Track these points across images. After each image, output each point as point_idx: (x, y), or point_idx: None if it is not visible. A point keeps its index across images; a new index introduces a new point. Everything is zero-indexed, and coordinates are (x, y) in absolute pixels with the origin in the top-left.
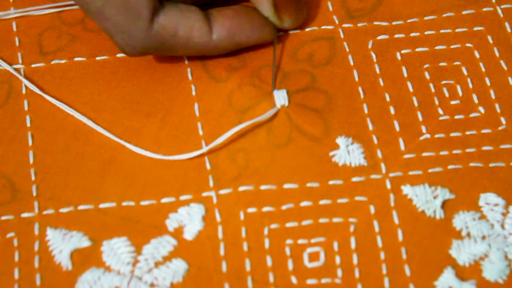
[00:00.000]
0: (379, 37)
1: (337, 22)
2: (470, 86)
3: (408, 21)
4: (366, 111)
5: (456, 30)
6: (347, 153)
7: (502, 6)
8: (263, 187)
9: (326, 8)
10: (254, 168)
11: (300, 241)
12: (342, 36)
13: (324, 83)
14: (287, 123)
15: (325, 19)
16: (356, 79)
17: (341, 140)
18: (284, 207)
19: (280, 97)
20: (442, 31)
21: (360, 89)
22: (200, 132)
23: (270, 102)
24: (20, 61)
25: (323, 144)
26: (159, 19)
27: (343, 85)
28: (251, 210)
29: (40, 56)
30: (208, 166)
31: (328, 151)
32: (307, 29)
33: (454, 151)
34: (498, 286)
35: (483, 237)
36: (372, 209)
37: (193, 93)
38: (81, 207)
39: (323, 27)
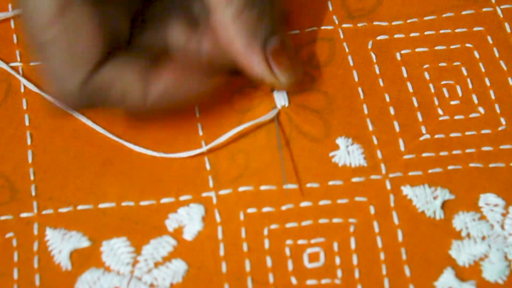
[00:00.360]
0: (378, 37)
1: (336, 22)
2: (470, 86)
3: (408, 21)
4: (366, 111)
5: (456, 30)
6: (347, 153)
7: (501, 7)
8: (263, 188)
9: (326, 8)
10: (254, 168)
11: (300, 242)
12: (341, 36)
13: (324, 84)
14: (287, 124)
15: (325, 19)
16: (356, 79)
17: (341, 141)
18: (284, 208)
19: (281, 98)
20: (442, 31)
21: (360, 89)
22: (200, 133)
23: (270, 103)
24: (19, 59)
25: (323, 145)
26: (97, 75)
27: (343, 86)
28: (251, 210)
29: None
30: (208, 167)
31: (328, 152)
32: (307, 30)
33: (454, 152)
34: (498, 286)
35: (483, 238)
36: (372, 209)
37: None
38: (80, 207)
39: (323, 27)
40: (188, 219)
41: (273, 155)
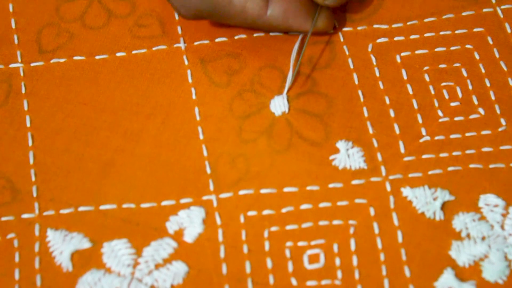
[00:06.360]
0: (378, 40)
1: (336, 25)
2: (470, 87)
3: (408, 23)
4: (366, 114)
5: (456, 32)
6: (347, 156)
7: (502, 7)
8: (263, 191)
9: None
10: (254, 172)
11: (300, 243)
12: (342, 39)
13: (324, 86)
14: (288, 129)
15: None
16: (356, 82)
17: (341, 144)
18: (284, 210)
19: (281, 104)
20: (442, 32)
21: (360, 92)
22: (201, 136)
23: (270, 109)
24: (20, 60)
25: (323, 149)
26: None
27: (343, 89)
28: (251, 213)
29: (39, 55)
30: (208, 170)
31: (328, 155)
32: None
33: (454, 153)
34: (498, 286)
35: (483, 238)
36: (372, 211)
37: (193, 97)
38: (81, 209)
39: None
40: (189, 222)
41: (273, 159)
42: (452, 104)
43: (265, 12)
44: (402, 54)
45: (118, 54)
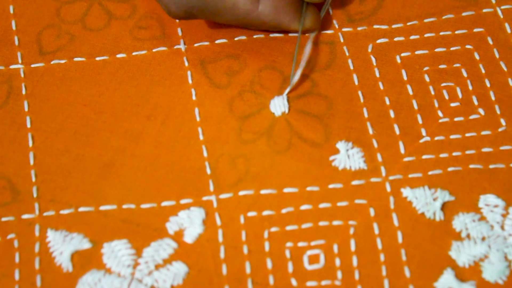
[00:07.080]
0: (378, 41)
1: (337, 26)
2: (470, 88)
3: (408, 24)
4: (366, 115)
5: (456, 32)
6: (347, 157)
7: (502, 7)
8: (263, 192)
9: (327, 12)
10: (254, 173)
11: (300, 244)
12: (342, 40)
13: (324, 87)
14: (287, 130)
15: (325, 23)
16: (356, 83)
17: (341, 145)
18: (284, 211)
19: (281, 105)
20: (442, 33)
21: (360, 93)
22: (201, 137)
23: (270, 109)
24: (20, 61)
25: (323, 149)
26: None
27: (343, 90)
28: (251, 214)
29: (40, 56)
30: (208, 171)
31: (328, 156)
32: (308, 34)
33: (454, 153)
34: (498, 287)
35: (483, 238)
36: (372, 211)
37: (194, 97)
38: (81, 209)
39: (323, 31)
40: (189, 222)
41: (273, 160)
42: (452, 104)
43: (256, 7)
44: (402, 54)
45: (119, 56)
